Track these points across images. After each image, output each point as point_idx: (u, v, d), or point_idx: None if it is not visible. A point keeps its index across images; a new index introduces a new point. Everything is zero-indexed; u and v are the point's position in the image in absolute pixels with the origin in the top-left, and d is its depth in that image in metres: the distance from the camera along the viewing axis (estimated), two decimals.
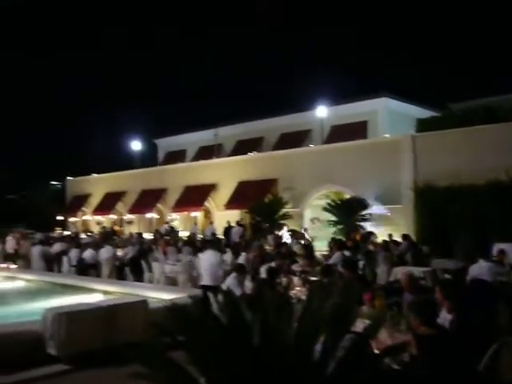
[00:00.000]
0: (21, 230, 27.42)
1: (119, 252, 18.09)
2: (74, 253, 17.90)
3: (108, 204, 36.40)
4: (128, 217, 34.87)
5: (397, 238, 17.71)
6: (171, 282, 15.39)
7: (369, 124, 30.55)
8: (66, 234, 30.76)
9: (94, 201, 38.10)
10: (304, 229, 22.55)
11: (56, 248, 19.81)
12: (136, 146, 39.63)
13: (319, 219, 25.03)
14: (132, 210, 34.32)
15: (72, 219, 39.39)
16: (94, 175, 39.95)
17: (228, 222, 24.75)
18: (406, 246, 16.45)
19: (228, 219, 25.07)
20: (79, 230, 33.52)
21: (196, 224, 29.14)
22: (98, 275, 16.74)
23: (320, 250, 17.44)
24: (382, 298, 7.30)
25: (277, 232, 21.50)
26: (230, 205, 27.89)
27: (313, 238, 21.26)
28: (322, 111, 29.89)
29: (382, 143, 24.41)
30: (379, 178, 22.41)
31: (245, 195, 26.64)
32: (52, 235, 28.97)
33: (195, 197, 30.01)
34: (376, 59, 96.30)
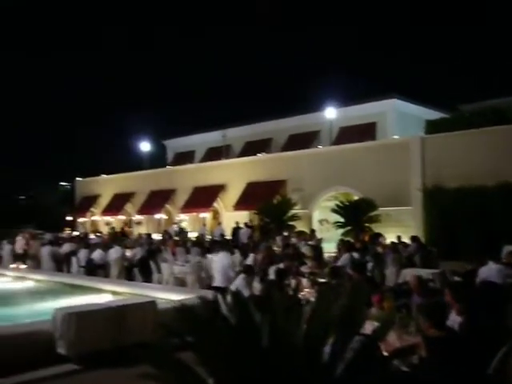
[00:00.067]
0: (30, 231, 27.56)
1: (128, 253, 18.12)
2: (83, 253, 17.97)
3: (117, 205, 36.53)
4: (137, 217, 34.96)
5: (405, 239, 17.66)
6: (180, 283, 15.40)
7: (378, 125, 30.51)
8: (75, 234, 30.86)
9: (103, 201, 38.25)
10: (312, 230, 22.52)
11: (65, 248, 19.90)
12: (145, 147, 39.77)
13: (328, 221, 24.99)
14: (141, 211, 34.43)
15: (81, 220, 39.58)
16: (103, 176, 40.08)
17: (236, 222, 24.77)
18: (415, 247, 16.40)
19: (236, 220, 25.08)
20: (88, 231, 33.63)
21: (205, 225, 29.16)
22: (107, 276, 16.78)
23: (329, 251, 17.41)
24: (391, 300, 7.29)
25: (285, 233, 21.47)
26: (239, 206, 27.91)
27: (321, 239, 21.22)
28: (330, 112, 29.88)
29: (390, 145, 24.34)
30: (388, 179, 22.34)
31: (253, 196, 26.64)
32: (61, 236, 29.10)
33: (204, 198, 30.06)
34: (384, 60, 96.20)
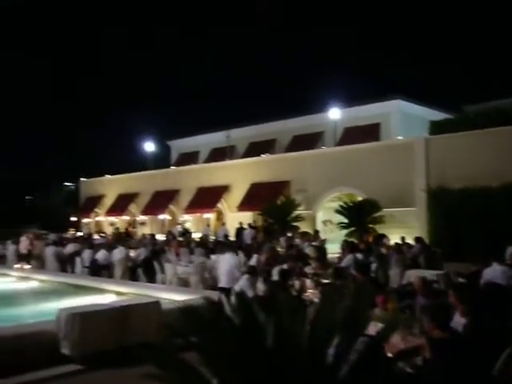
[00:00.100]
0: (35, 231, 27.62)
1: (132, 253, 18.16)
2: (87, 254, 18.02)
3: (121, 205, 36.58)
4: (141, 218, 35.02)
5: (410, 240, 17.61)
6: (183, 284, 15.41)
7: (382, 126, 30.49)
8: (79, 234, 30.95)
9: (107, 202, 38.31)
10: (315, 231, 22.49)
11: (69, 249, 19.96)
12: (149, 147, 39.82)
13: (332, 221, 24.97)
14: (145, 211, 34.47)
15: (85, 220, 39.67)
16: (107, 176, 40.14)
17: (240, 223, 24.77)
18: (419, 248, 16.35)
19: (240, 221, 25.09)
20: (92, 231, 33.70)
21: (208, 225, 29.16)
22: (111, 276, 16.82)
23: (332, 252, 17.39)
24: (395, 301, 7.27)
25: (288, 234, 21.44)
26: (243, 206, 27.92)
27: (325, 240, 21.19)
28: (334, 113, 29.85)
29: (394, 145, 24.31)
30: (392, 180, 22.31)
31: (257, 197, 26.63)
32: (65, 236, 29.16)
33: (208, 198, 30.08)
34: (386, 60, 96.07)
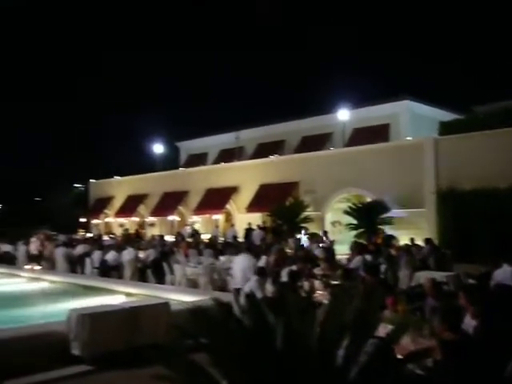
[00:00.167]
0: (45, 232, 27.77)
1: (141, 254, 18.22)
2: (96, 255, 18.10)
3: (130, 206, 36.69)
4: (150, 219, 35.11)
5: (419, 241, 17.54)
6: (192, 285, 15.44)
7: (391, 127, 30.36)
8: (88, 236, 31.07)
9: (117, 203, 38.44)
10: (324, 232, 22.46)
11: (79, 250, 20.05)
12: (158, 148, 39.93)
13: (340, 223, 24.91)
14: (154, 213, 34.55)
15: (95, 221, 39.82)
16: (116, 178, 40.27)
17: (249, 223, 24.78)
18: (429, 250, 16.29)
19: (249, 222, 25.09)
20: (102, 232, 33.81)
21: (217, 227, 29.18)
22: (120, 277, 16.89)
23: (341, 253, 17.36)
24: (404, 303, 7.24)
25: (297, 235, 21.43)
26: (251, 208, 27.91)
27: (334, 241, 21.14)
28: (343, 114, 29.78)
29: (404, 146, 24.22)
30: (401, 181, 22.22)
31: (266, 198, 26.63)
32: (75, 237, 29.32)
33: (216, 199, 30.11)
34: (394, 61, 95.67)
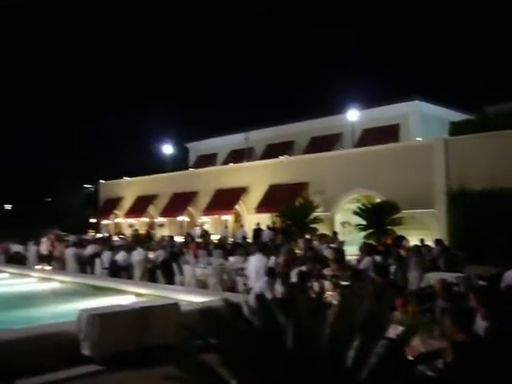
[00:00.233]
0: (55, 232, 27.90)
1: (151, 255, 18.27)
2: (106, 255, 18.17)
3: (140, 207, 36.81)
4: (159, 220, 35.22)
5: (429, 242, 17.46)
6: (202, 285, 15.46)
7: (401, 127, 30.29)
8: (98, 236, 31.21)
9: (126, 204, 38.58)
10: (334, 233, 22.40)
11: (89, 250, 20.14)
12: (168, 149, 40.04)
13: (350, 223, 24.85)
14: (163, 213, 34.65)
15: (105, 222, 39.99)
16: (126, 179, 40.43)
17: (257, 224, 24.78)
18: (439, 250, 16.20)
19: (258, 222, 25.09)
20: (112, 233, 33.95)
21: (227, 227, 29.21)
22: (130, 277, 16.95)
23: (351, 254, 17.30)
24: (414, 304, 7.21)
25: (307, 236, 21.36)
26: (261, 208, 27.91)
27: (343, 242, 21.08)
28: (353, 115, 29.73)
29: (414, 146, 24.13)
30: (411, 181, 22.12)
31: (275, 199, 26.61)
32: (85, 237, 29.44)
33: (226, 200, 30.14)
34: (404, 61, 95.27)
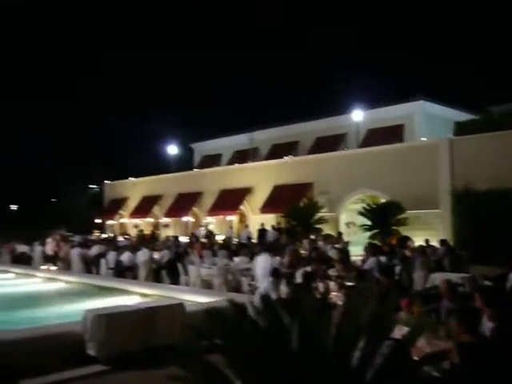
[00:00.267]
0: (61, 233, 27.95)
1: (156, 255, 18.30)
2: (111, 255, 18.21)
3: (145, 207, 36.88)
4: (164, 220, 35.26)
5: (434, 242, 17.42)
6: (207, 285, 15.48)
7: (405, 127, 30.25)
8: (103, 236, 31.27)
9: (131, 204, 38.65)
10: (338, 233, 22.36)
11: (94, 250, 20.19)
12: (172, 150, 40.09)
13: (355, 223, 24.82)
14: (168, 214, 34.69)
15: (110, 222, 40.08)
16: (131, 179, 40.52)
17: (261, 224, 24.77)
18: (444, 251, 16.17)
19: (262, 223, 25.07)
20: (117, 233, 34.02)
21: (231, 228, 29.22)
22: (135, 277, 16.99)
23: (356, 254, 17.28)
24: (420, 305, 7.20)
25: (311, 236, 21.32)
26: (265, 209, 27.90)
27: (348, 242, 21.03)
28: (357, 115, 29.70)
29: (418, 147, 24.09)
30: (416, 182, 22.08)
31: (280, 199, 26.61)
32: (90, 238, 29.51)
33: (230, 200, 30.15)
34: (407, 61, 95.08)
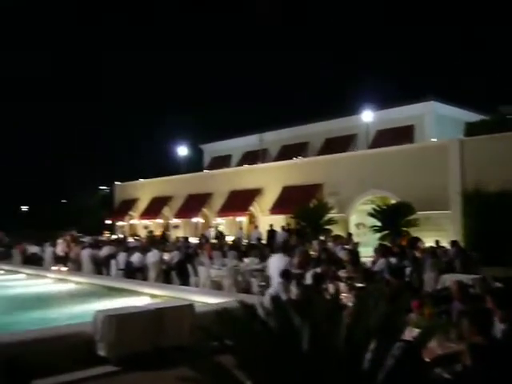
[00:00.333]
0: (71, 234, 28.07)
1: (166, 256, 18.33)
2: (121, 256, 18.27)
3: (155, 208, 36.95)
4: (174, 221, 35.31)
5: (444, 244, 17.33)
6: (216, 286, 15.48)
7: (415, 128, 30.10)
8: (114, 237, 31.37)
9: (141, 205, 38.75)
10: (348, 234, 22.28)
11: (104, 251, 20.26)
12: (182, 151, 40.17)
13: (364, 225, 24.73)
14: (178, 215, 34.73)
15: (120, 223, 40.20)
16: (141, 180, 40.64)
17: (270, 225, 24.74)
18: (455, 252, 16.09)
19: (271, 224, 25.04)
20: (127, 234, 34.10)
21: (241, 229, 29.21)
22: (145, 278, 17.04)
23: (365, 255, 17.22)
24: (431, 306, 7.16)
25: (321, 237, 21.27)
26: (275, 210, 27.87)
27: (358, 243, 20.95)
28: (367, 116, 29.60)
29: (429, 147, 23.98)
30: (426, 182, 21.96)
31: (289, 200, 26.57)
32: (101, 239, 29.62)
33: (240, 201, 30.14)
34: (419, 62, 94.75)
